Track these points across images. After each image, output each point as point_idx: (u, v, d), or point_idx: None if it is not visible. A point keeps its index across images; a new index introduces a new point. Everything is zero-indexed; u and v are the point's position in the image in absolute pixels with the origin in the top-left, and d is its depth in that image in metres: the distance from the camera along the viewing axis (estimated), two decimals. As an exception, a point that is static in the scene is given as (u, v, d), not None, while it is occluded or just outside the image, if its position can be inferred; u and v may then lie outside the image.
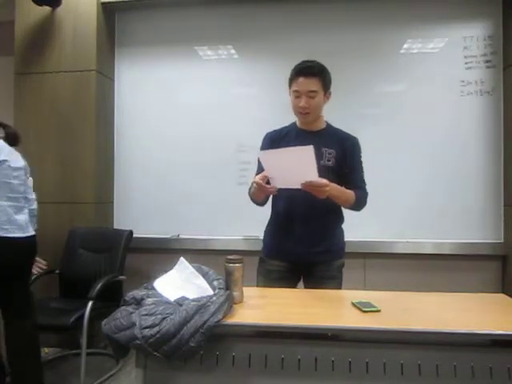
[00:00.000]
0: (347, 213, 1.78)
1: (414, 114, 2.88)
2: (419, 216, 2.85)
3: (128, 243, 2.75)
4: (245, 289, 1.46)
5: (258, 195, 1.77)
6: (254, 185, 1.66)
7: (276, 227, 1.91)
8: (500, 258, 2.82)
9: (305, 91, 1.72)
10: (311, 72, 1.72)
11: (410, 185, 2.87)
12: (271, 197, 1.88)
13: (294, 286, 1.86)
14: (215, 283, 1.37)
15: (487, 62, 2.82)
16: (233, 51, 3.08)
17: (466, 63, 2.84)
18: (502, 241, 2.80)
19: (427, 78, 2.86)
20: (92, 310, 2.27)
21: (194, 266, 1.45)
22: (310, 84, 1.71)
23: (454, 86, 2.85)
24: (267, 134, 1.94)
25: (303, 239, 1.80)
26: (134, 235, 2.81)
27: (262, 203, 1.88)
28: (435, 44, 2.88)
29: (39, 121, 2.99)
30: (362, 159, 1.90)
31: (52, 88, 2.98)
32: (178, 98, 3.11)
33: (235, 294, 1.40)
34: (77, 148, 2.95)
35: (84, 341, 2.26)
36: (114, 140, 3.19)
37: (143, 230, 3.02)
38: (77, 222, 2.91)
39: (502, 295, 1.62)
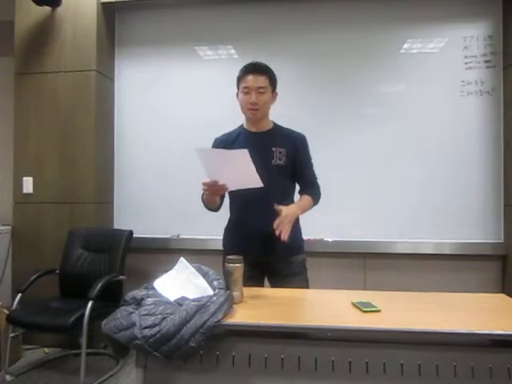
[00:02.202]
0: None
1: (413, 114, 2.88)
2: (419, 216, 2.85)
3: (128, 243, 2.75)
4: (245, 289, 1.46)
5: (210, 198, 1.79)
6: (203, 187, 1.66)
7: (232, 228, 1.94)
8: (500, 258, 2.82)
9: (254, 87, 1.78)
10: (260, 69, 1.80)
11: (409, 185, 2.87)
12: (227, 200, 1.91)
13: (261, 284, 1.88)
14: (215, 283, 1.37)
15: (487, 62, 2.82)
16: (233, 51, 3.08)
17: (466, 63, 2.84)
18: (501, 241, 2.80)
19: (427, 78, 2.86)
20: (92, 310, 2.27)
21: (194, 266, 1.45)
22: (259, 81, 1.78)
23: (454, 86, 2.84)
24: (217, 139, 1.97)
25: (259, 240, 1.82)
26: (134, 235, 2.81)
27: (216, 208, 1.90)
28: (435, 44, 2.87)
29: (39, 121, 2.99)
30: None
31: (52, 88, 2.98)
32: (177, 97, 3.11)
33: (235, 294, 1.40)
34: (77, 148, 2.95)
35: (84, 341, 2.26)
36: (114, 140, 3.19)
37: (143, 230, 3.01)
38: (77, 222, 2.91)
39: (502, 295, 1.61)
